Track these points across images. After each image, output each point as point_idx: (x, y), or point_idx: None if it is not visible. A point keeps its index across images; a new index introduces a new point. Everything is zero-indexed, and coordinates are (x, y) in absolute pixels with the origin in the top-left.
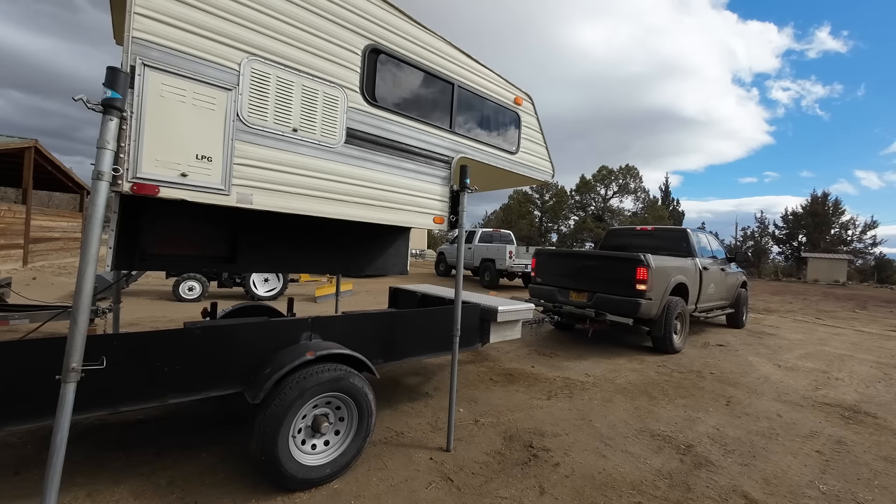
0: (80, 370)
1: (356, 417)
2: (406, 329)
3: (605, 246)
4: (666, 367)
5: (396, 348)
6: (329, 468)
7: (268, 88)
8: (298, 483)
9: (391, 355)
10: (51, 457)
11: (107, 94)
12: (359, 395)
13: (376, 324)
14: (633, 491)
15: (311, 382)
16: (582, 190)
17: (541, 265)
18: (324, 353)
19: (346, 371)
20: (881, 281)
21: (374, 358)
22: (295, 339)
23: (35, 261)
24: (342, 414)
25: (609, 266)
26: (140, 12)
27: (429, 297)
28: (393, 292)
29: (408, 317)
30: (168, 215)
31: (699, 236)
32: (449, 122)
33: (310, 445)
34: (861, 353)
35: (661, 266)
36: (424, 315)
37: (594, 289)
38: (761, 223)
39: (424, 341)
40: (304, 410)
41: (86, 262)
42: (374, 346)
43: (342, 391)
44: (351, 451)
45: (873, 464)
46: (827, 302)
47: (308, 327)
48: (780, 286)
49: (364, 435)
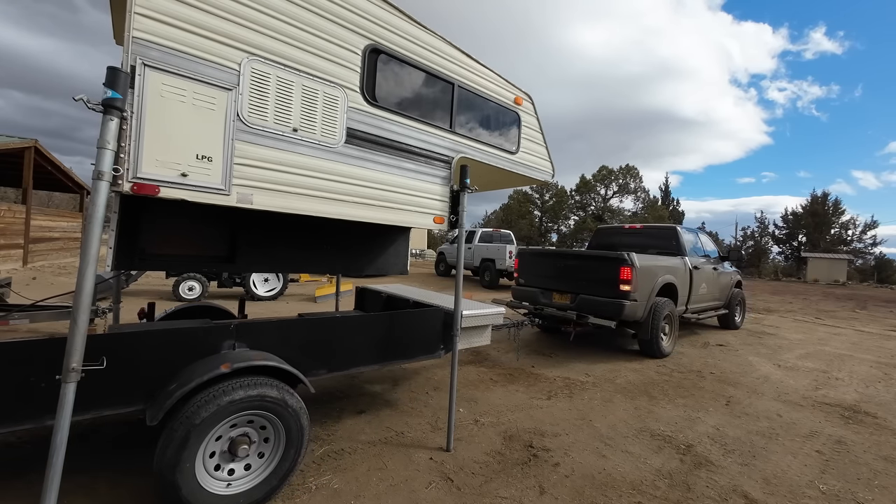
0: (80, 370)
1: (283, 439)
2: (356, 336)
3: (594, 245)
4: (666, 367)
5: (344, 357)
6: (243, 499)
7: (268, 88)
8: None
9: (337, 365)
10: (51, 457)
11: (107, 94)
12: (285, 414)
13: (318, 330)
14: (633, 491)
15: (225, 400)
16: (582, 190)
17: (524, 266)
18: (242, 366)
19: (272, 385)
20: (881, 281)
21: (316, 369)
22: (214, 348)
23: (35, 261)
24: (268, 434)
25: (592, 266)
26: (140, 12)
27: (395, 298)
28: (359, 292)
29: (356, 322)
30: (168, 215)
31: (690, 234)
32: (449, 122)
33: (226, 471)
34: (861, 353)
35: (647, 265)
36: (376, 320)
37: (577, 290)
38: (761, 223)
39: (379, 349)
40: (216, 432)
41: (86, 262)
42: (314, 356)
43: (265, 409)
44: (279, 473)
45: (873, 464)
46: (827, 302)
47: (231, 334)
48: (780, 286)
49: (294, 457)
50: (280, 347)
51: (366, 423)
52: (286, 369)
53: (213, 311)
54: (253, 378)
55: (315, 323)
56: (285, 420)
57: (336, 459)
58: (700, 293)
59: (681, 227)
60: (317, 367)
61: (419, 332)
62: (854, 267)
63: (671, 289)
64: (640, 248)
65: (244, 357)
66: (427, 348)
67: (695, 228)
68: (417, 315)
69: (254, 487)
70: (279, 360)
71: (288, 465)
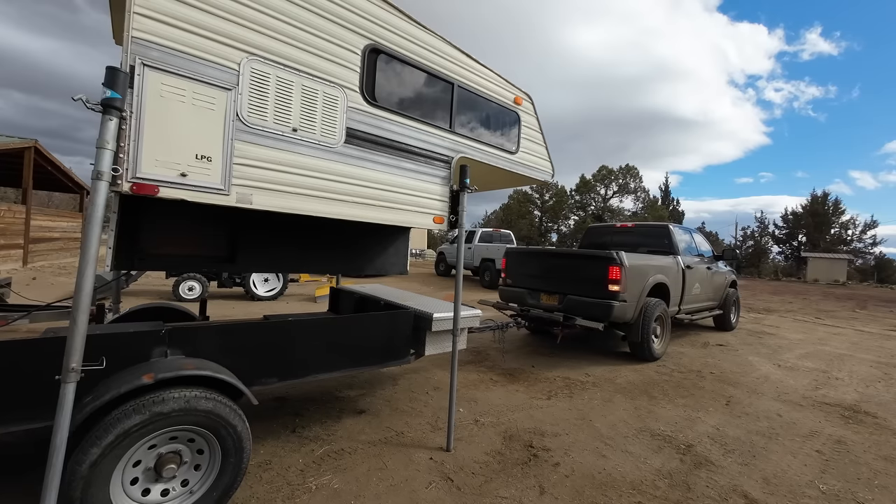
0: (80, 370)
1: (219, 456)
2: (312, 341)
3: (585, 244)
4: (666, 366)
5: (299, 364)
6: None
7: (267, 88)
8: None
9: (291, 373)
10: (51, 457)
11: (106, 94)
12: (219, 429)
13: (268, 335)
14: (633, 491)
15: (145, 416)
16: (582, 190)
17: (511, 266)
18: (168, 377)
19: (204, 398)
20: (881, 280)
21: (265, 377)
22: (143, 355)
23: (35, 261)
24: (201, 445)
25: (580, 266)
26: (139, 12)
27: (368, 299)
28: (333, 293)
29: (313, 326)
30: (168, 215)
31: (683, 233)
32: (449, 122)
33: (159, 491)
34: (861, 353)
35: (637, 265)
36: (336, 323)
37: (565, 290)
38: (761, 223)
39: (339, 354)
40: (135, 454)
41: (86, 262)
42: (263, 363)
43: (195, 424)
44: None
45: (873, 463)
46: (827, 301)
47: (163, 341)
48: (780, 286)
49: (234, 473)
50: (222, 354)
51: (366, 423)
52: (223, 379)
53: (171, 312)
54: (182, 390)
55: (263, 327)
56: (219, 435)
57: (336, 459)
58: (693, 293)
59: (673, 226)
60: (266, 375)
61: (385, 336)
62: (854, 267)
63: (663, 289)
64: (632, 247)
65: (174, 366)
66: (394, 353)
67: (688, 227)
68: (384, 318)
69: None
70: (216, 369)
71: (230, 476)
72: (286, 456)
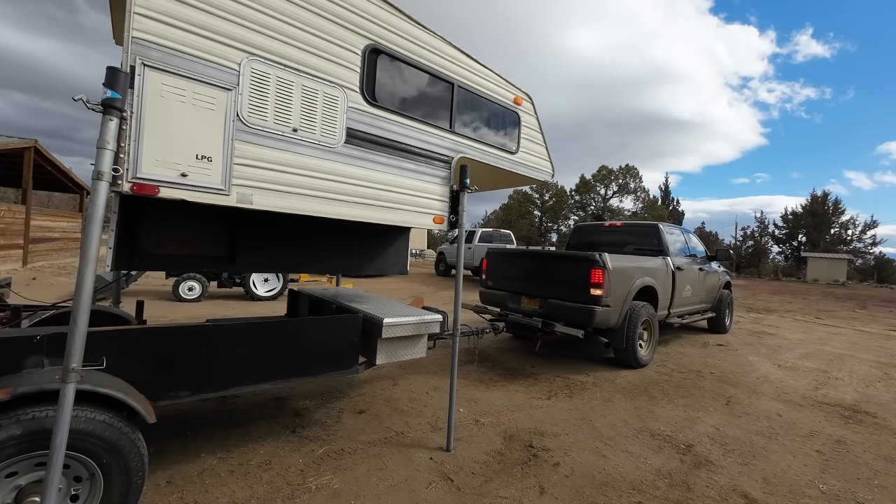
0: (80, 370)
1: (101, 485)
2: (236, 349)
3: (573, 244)
4: (666, 366)
5: (217, 375)
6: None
7: (268, 88)
8: None
9: (207, 385)
10: (51, 457)
11: (106, 94)
12: (100, 454)
13: (177, 342)
14: (633, 490)
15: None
16: (582, 190)
17: (492, 267)
18: (30, 391)
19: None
20: (881, 280)
21: (174, 390)
22: (13, 366)
23: (35, 261)
24: (78, 472)
25: (561, 268)
26: (140, 12)
27: (323, 301)
28: (292, 296)
29: (235, 332)
30: (168, 215)
31: (673, 232)
32: (449, 122)
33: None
34: (861, 353)
35: (621, 267)
36: (265, 329)
37: (546, 294)
38: (761, 223)
39: (269, 363)
40: None
41: (86, 262)
42: (173, 374)
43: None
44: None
45: (873, 463)
46: (827, 301)
47: (38, 349)
48: (779, 286)
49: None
50: (120, 364)
51: (366, 423)
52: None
53: (108, 316)
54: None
55: (170, 333)
56: (100, 460)
57: (336, 459)
58: (684, 296)
59: (663, 225)
60: (175, 388)
61: (326, 344)
62: (854, 267)
63: (650, 292)
64: (621, 247)
65: (40, 380)
66: (336, 362)
67: (680, 226)
68: (323, 323)
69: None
70: (100, 381)
71: None
72: (286, 456)
